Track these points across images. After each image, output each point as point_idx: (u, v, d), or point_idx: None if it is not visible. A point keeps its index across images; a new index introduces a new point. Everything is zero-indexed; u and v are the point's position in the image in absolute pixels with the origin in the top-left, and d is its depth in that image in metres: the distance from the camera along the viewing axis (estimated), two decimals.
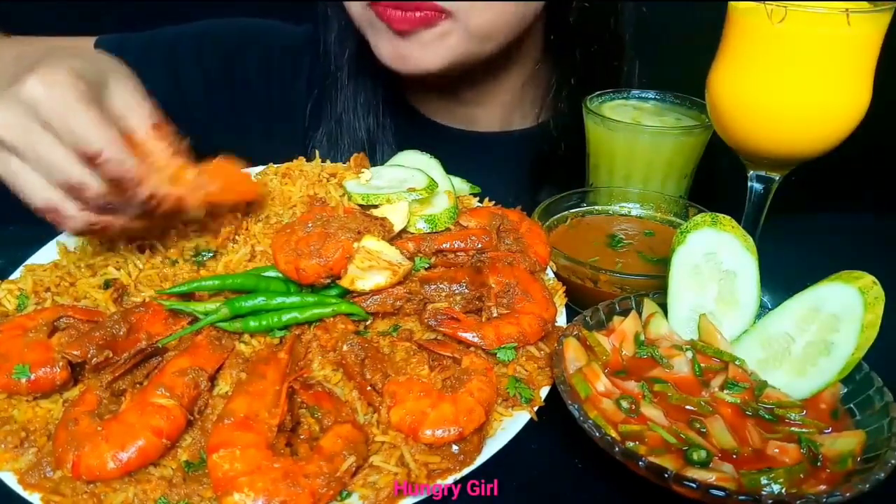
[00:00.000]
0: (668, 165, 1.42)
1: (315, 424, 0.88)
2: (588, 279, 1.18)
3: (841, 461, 0.83)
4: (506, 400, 0.93)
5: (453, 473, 0.83)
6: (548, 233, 1.27)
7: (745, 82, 1.04)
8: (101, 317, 0.98)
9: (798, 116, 1.02)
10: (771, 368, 0.97)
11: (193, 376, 0.89)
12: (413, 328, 1.03)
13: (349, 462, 0.81)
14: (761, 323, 1.01)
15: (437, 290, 1.04)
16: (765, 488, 0.80)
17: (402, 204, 1.15)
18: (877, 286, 0.91)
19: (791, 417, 0.91)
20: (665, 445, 0.86)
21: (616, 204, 1.42)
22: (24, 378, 0.88)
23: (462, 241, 1.14)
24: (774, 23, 0.98)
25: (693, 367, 0.98)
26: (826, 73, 0.99)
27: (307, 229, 1.06)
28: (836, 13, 0.95)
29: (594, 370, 0.94)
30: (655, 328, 1.04)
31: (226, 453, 0.79)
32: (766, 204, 1.16)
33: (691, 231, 1.03)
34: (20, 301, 1.04)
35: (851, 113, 1.03)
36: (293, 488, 0.76)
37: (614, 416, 0.89)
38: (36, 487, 0.81)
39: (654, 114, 1.50)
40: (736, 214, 1.09)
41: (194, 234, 1.14)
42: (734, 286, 1.03)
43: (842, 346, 0.92)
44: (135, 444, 0.81)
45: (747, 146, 1.10)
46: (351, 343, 0.95)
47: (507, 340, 0.99)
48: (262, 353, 0.95)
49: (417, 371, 0.93)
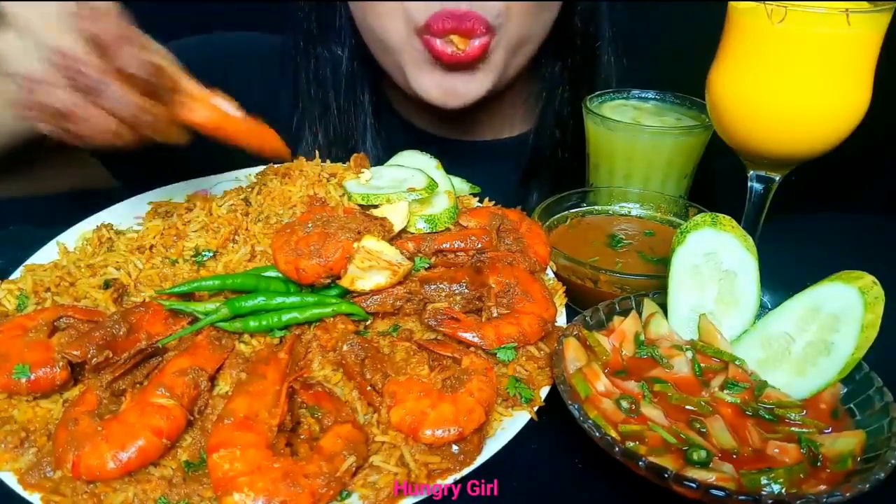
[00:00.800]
0: (668, 165, 1.42)
1: (315, 424, 0.88)
2: (588, 279, 1.18)
3: (841, 461, 0.83)
4: (506, 400, 0.93)
5: (453, 473, 0.83)
6: (548, 233, 1.27)
7: (745, 82, 1.04)
8: (101, 317, 0.98)
9: (798, 116, 1.02)
10: (771, 368, 0.97)
11: (193, 376, 0.89)
12: (413, 328, 1.03)
13: (349, 462, 0.81)
14: (761, 323, 1.01)
15: (437, 290, 1.04)
16: (765, 488, 0.80)
17: (402, 204, 1.15)
18: (877, 286, 0.91)
19: (791, 417, 0.91)
20: (665, 445, 0.86)
21: (616, 204, 1.42)
22: (24, 378, 0.88)
23: (462, 241, 1.14)
24: (774, 23, 0.98)
25: (693, 367, 0.98)
26: (826, 73, 0.99)
27: (307, 229, 1.06)
28: (836, 13, 0.95)
29: (594, 370, 0.94)
30: (655, 328, 1.04)
31: (226, 453, 0.79)
32: (766, 204, 1.16)
33: (691, 231, 1.03)
34: (20, 301, 1.04)
35: (851, 113, 1.03)
36: (293, 488, 0.76)
37: (614, 416, 0.89)
38: (36, 487, 0.81)
39: (654, 114, 1.50)
40: (736, 214, 1.09)
41: (194, 234, 1.14)
42: (734, 286, 1.03)
43: (842, 346, 0.92)
44: (135, 444, 0.81)
45: (747, 146, 1.10)
46: (351, 343, 0.95)
47: (507, 340, 0.99)
48: (262, 353, 0.95)
49: (417, 371, 0.93)
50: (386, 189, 1.19)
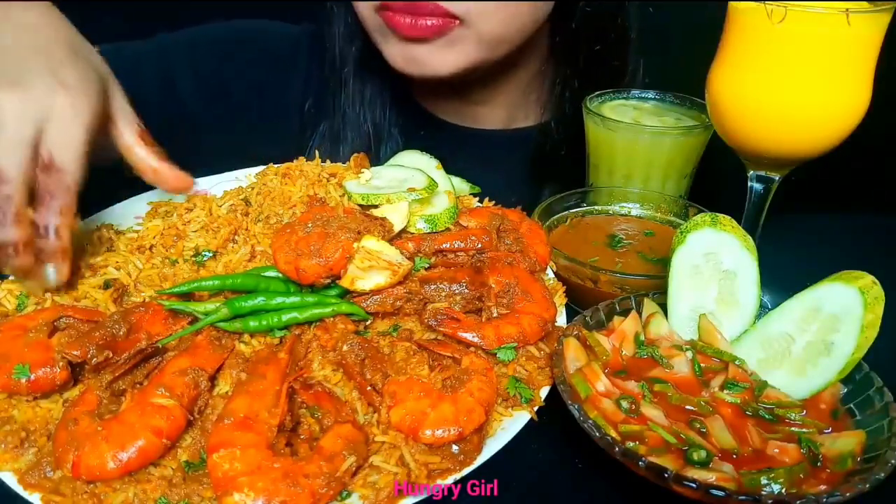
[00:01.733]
0: (668, 165, 1.42)
1: (315, 424, 0.88)
2: (588, 279, 1.18)
3: (841, 461, 0.83)
4: (506, 400, 0.93)
5: (453, 473, 0.83)
6: (548, 233, 1.27)
7: (745, 82, 1.04)
8: (101, 317, 0.98)
9: (798, 116, 1.02)
10: (771, 368, 0.97)
11: (193, 376, 0.89)
12: (413, 328, 1.03)
13: (349, 462, 0.81)
14: (761, 323, 1.01)
15: (437, 290, 1.04)
16: (765, 488, 0.80)
17: (402, 204, 1.15)
18: (877, 286, 0.91)
19: (791, 417, 0.91)
20: (665, 445, 0.86)
21: (616, 204, 1.42)
22: (24, 378, 0.88)
23: (462, 241, 1.14)
24: (774, 23, 0.98)
25: (693, 367, 0.98)
26: (826, 73, 0.99)
27: (307, 229, 1.06)
28: (836, 13, 0.95)
29: (594, 370, 0.94)
30: (655, 328, 1.04)
31: (226, 453, 0.79)
32: (766, 204, 1.16)
33: (691, 231, 1.03)
34: (20, 301, 1.04)
35: (851, 113, 1.03)
36: (293, 488, 0.76)
37: (614, 416, 0.89)
38: (36, 487, 0.81)
39: (654, 114, 1.50)
40: (736, 214, 1.09)
41: (194, 234, 1.14)
42: (734, 286, 1.03)
43: (842, 346, 0.92)
44: (135, 444, 0.81)
45: (747, 146, 1.10)
46: (351, 343, 0.95)
47: (507, 340, 0.99)
48: (262, 353, 0.95)
49: (417, 371, 0.93)
50: (386, 189, 1.18)
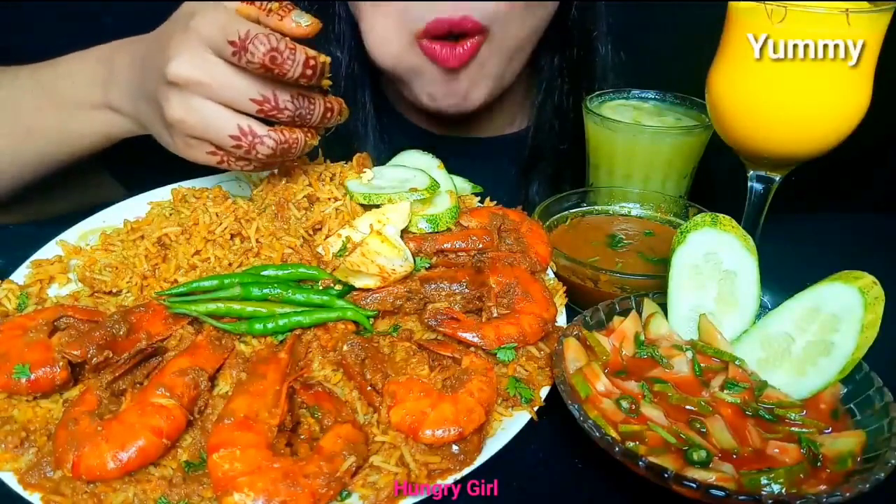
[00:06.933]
0: (668, 165, 1.42)
1: (315, 424, 0.88)
2: (588, 279, 1.18)
3: (841, 461, 0.83)
4: (506, 400, 0.93)
5: (453, 473, 0.83)
6: (548, 233, 1.27)
7: (745, 82, 1.04)
8: (101, 317, 0.98)
9: (798, 116, 1.02)
10: (771, 368, 0.97)
11: (193, 376, 0.89)
12: (413, 328, 1.03)
13: (349, 462, 0.81)
14: (761, 323, 1.01)
15: (437, 290, 1.04)
16: (765, 488, 0.80)
17: (404, 204, 1.14)
18: (877, 286, 0.91)
19: (791, 417, 0.91)
20: (665, 445, 0.86)
21: (616, 204, 1.42)
22: (24, 378, 0.89)
23: (463, 241, 1.14)
24: (774, 23, 0.98)
25: (693, 367, 0.98)
26: (826, 73, 0.99)
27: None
28: (836, 13, 0.95)
29: (594, 370, 0.94)
30: (655, 328, 1.04)
31: (226, 453, 0.79)
32: (766, 204, 1.16)
33: (691, 231, 1.03)
34: (20, 301, 1.04)
35: (851, 113, 1.03)
36: (293, 488, 0.76)
37: (614, 416, 0.89)
38: (36, 487, 0.81)
39: (654, 114, 1.50)
40: (736, 214, 1.09)
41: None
42: (734, 286, 1.03)
43: (842, 346, 0.92)
44: (135, 444, 0.81)
45: (747, 146, 1.10)
46: (351, 343, 0.95)
47: (508, 340, 0.99)
48: (262, 353, 0.95)
49: (417, 371, 0.93)
50: (388, 189, 1.18)
